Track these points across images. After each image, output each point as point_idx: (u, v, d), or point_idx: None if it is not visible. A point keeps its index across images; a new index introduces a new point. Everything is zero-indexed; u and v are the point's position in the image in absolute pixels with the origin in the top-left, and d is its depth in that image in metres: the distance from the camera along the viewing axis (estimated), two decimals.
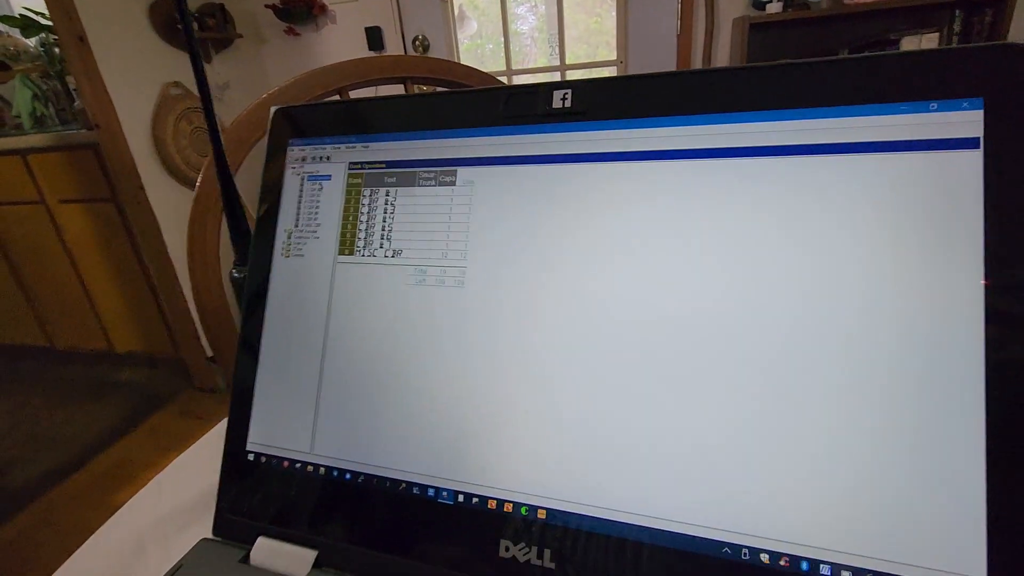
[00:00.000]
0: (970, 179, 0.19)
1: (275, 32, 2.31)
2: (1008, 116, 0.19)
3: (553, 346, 0.24)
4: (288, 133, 0.30)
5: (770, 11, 1.74)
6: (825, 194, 0.21)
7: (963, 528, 0.18)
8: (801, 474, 0.20)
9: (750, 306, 0.21)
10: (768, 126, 0.22)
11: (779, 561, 0.20)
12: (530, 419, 0.23)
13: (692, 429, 0.21)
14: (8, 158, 1.88)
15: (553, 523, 0.22)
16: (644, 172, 0.23)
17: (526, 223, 0.25)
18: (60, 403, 2.03)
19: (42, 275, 2.09)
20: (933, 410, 0.19)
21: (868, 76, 0.21)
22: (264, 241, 0.30)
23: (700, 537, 0.21)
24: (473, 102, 0.27)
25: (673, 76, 0.24)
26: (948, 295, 0.19)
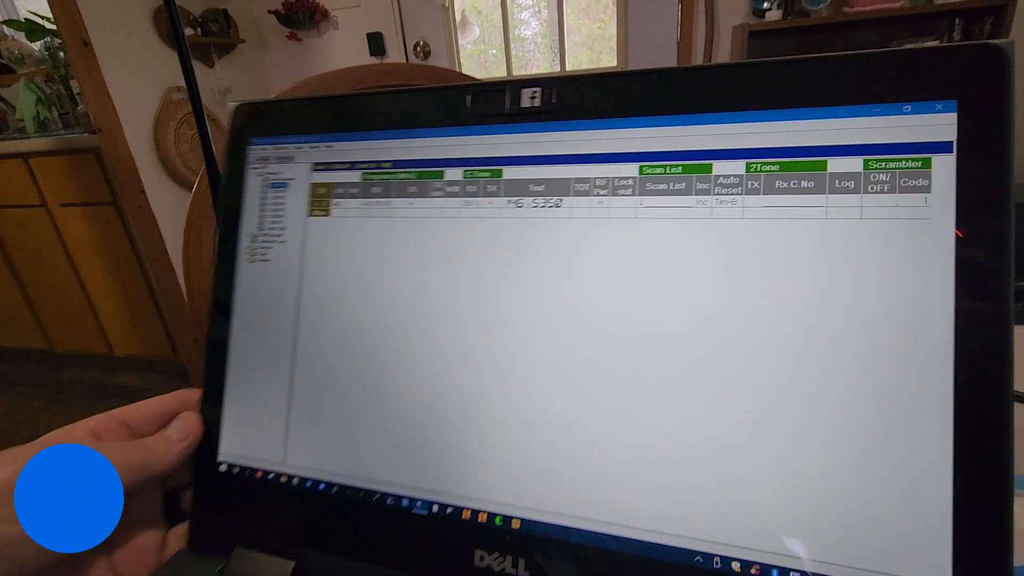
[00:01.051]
0: (943, 184, 0.19)
1: (277, 37, 2.32)
2: (982, 119, 0.18)
3: (527, 356, 0.23)
4: (249, 131, 0.29)
5: (769, 18, 1.75)
6: (786, 197, 0.21)
7: (929, 536, 0.18)
8: (772, 484, 0.20)
9: (721, 316, 0.21)
10: (739, 128, 0.21)
11: (750, 569, 0.20)
12: (504, 429, 0.23)
13: (664, 440, 0.21)
14: (10, 161, 1.89)
15: (527, 532, 0.22)
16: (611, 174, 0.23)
17: (492, 230, 0.25)
18: (60, 406, 2.03)
19: (42, 278, 2.10)
20: (901, 422, 0.19)
21: (841, 76, 0.20)
22: (227, 246, 0.28)
23: (672, 546, 0.21)
24: (438, 100, 0.26)
25: (646, 75, 0.23)
26: (919, 301, 0.19)
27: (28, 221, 1.97)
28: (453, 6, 2.21)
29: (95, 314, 2.09)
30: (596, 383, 0.22)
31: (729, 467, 0.20)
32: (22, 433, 1.86)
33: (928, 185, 0.19)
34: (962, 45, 0.18)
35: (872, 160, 0.20)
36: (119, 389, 2.11)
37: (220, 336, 0.28)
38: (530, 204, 0.24)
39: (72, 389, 2.15)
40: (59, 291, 2.08)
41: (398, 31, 2.21)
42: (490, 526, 0.23)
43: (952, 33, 1.61)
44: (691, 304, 0.21)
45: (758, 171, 0.21)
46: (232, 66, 2.22)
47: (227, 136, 0.29)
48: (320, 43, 2.31)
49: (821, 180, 0.20)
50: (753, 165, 0.21)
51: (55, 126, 2.08)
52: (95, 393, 2.11)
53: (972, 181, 0.18)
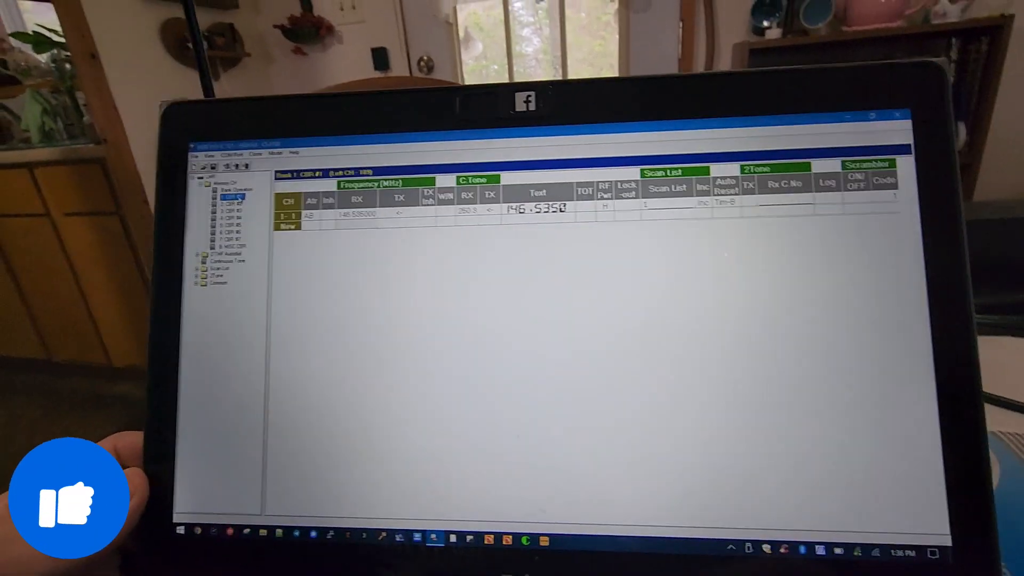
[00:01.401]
0: (907, 180, 0.21)
1: (283, 52, 2.35)
2: (931, 124, 0.21)
3: (533, 360, 0.23)
4: (187, 134, 0.26)
5: (769, 36, 1.77)
6: (785, 183, 0.23)
7: (927, 495, 0.20)
8: (786, 468, 0.21)
9: (728, 310, 0.22)
10: (732, 132, 0.23)
11: (779, 548, 0.21)
12: (518, 447, 0.23)
13: (686, 437, 0.22)
14: (15, 171, 1.90)
15: (557, 548, 0.22)
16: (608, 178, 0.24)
17: (485, 241, 0.24)
18: (57, 416, 2.02)
19: (44, 288, 2.10)
20: (890, 401, 0.21)
21: (814, 87, 0.22)
22: (168, 269, 0.25)
23: (705, 539, 0.21)
24: (423, 102, 0.25)
25: (642, 81, 0.24)
26: (894, 284, 0.21)
27: (31, 230, 1.98)
28: (457, 22, 2.24)
29: (95, 324, 2.09)
30: (613, 390, 0.22)
31: (748, 457, 0.21)
32: (19, 443, 1.85)
33: (895, 182, 0.22)
34: (908, 62, 0.21)
35: (848, 161, 0.22)
36: (118, 399, 2.10)
37: (165, 376, 0.25)
38: (532, 209, 0.24)
39: (70, 399, 2.14)
40: (59, 300, 2.08)
41: (402, 46, 2.23)
42: (516, 548, 0.22)
43: (949, 52, 1.63)
44: (701, 299, 0.22)
45: (752, 173, 0.23)
46: (237, 80, 2.24)
47: (159, 140, 0.26)
48: (325, 57, 2.33)
49: (807, 180, 0.22)
50: (747, 167, 0.23)
51: (60, 137, 2.09)
52: (93, 403, 2.09)
53: (929, 176, 0.21)
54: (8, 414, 2.05)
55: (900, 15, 1.65)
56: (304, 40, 2.26)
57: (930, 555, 0.20)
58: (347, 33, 2.27)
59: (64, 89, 2.09)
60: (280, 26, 2.24)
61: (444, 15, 2.14)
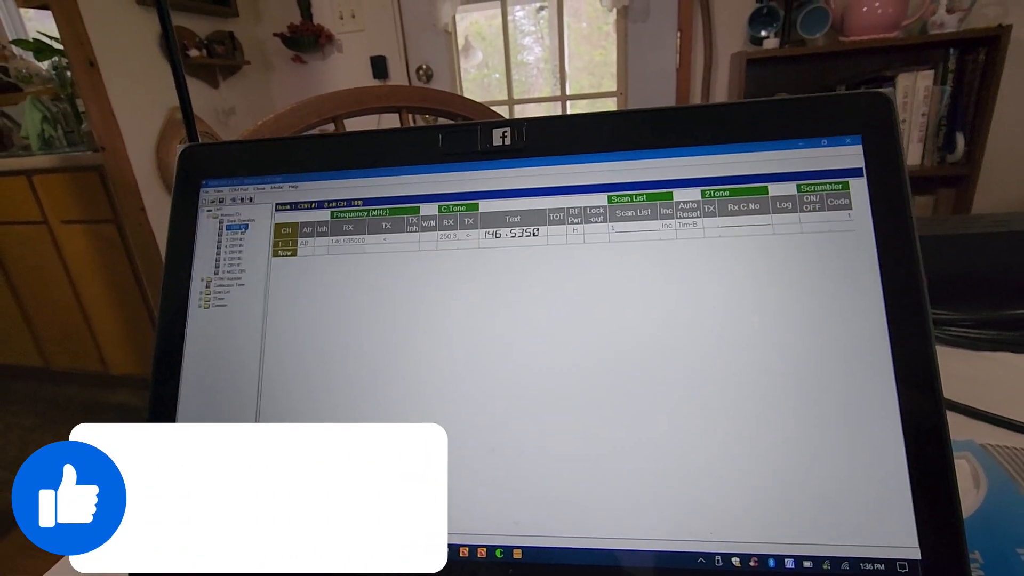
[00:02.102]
0: (860, 202, 0.23)
1: (282, 60, 2.36)
2: (880, 149, 0.23)
3: (508, 379, 0.24)
4: (201, 173, 0.28)
5: (767, 47, 1.77)
6: (745, 205, 0.24)
7: (894, 508, 0.21)
8: (754, 482, 0.21)
9: (694, 328, 0.23)
10: (692, 160, 0.24)
11: (749, 562, 0.21)
12: (494, 458, 0.23)
13: (652, 452, 0.22)
14: (13, 179, 1.90)
15: (530, 561, 0.22)
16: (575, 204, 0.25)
17: (469, 261, 0.25)
18: (53, 424, 2.01)
19: (41, 295, 2.09)
20: (854, 416, 0.21)
21: (773, 117, 0.24)
22: (175, 292, 0.27)
23: (675, 551, 0.21)
24: (409, 139, 0.27)
25: (607, 116, 0.26)
26: (853, 300, 0.22)
27: (29, 237, 1.98)
28: (456, 31, 2.25)
29: (92, 332, 2.08)
30: (585, 404, 0.23)
31: (715, 472, 0.22)
32: (13, 452, 1.84)
33: (849, 203, 0.23)
34: (859, 93, 0.23)
35: (803, 184, 0.23)
36: (114, 408, 2.09)
37: (167, 391, 0.26)
38: (508, 234, 0.25)
39: (67, 407, 2.13)
40: (56, 308, 2.08)
41: (401, 55, 2.24)
42: (489, 561, 0.23)
43: (947, 63, 1.63)
44: (667, 318, 0.23)
45: (712, 196, 0.24)
46: (237, 87, 2.25)
47: (176, 179, 0.28)
48: (324, 66, 2.34)
49: (765, 202, 0.24)
50: (708, 192, 0.24)
51: (59, 144, 2.10)
52: (90, 411, 2.08)
53: (881, 196, 0.22)
54: (4, 423, 2.04)
55: (897, 26, 1.66)
56: (304, 48, 2.27)
57: (899, 568, 0.20)
58: (346, 41, 2.28)
59: (64, 96, 2.09)
60: (280, 34, 2.25)
61: (443, 24, 2.15)
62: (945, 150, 1.69)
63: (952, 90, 1.64)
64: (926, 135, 1.69)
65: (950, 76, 1.64)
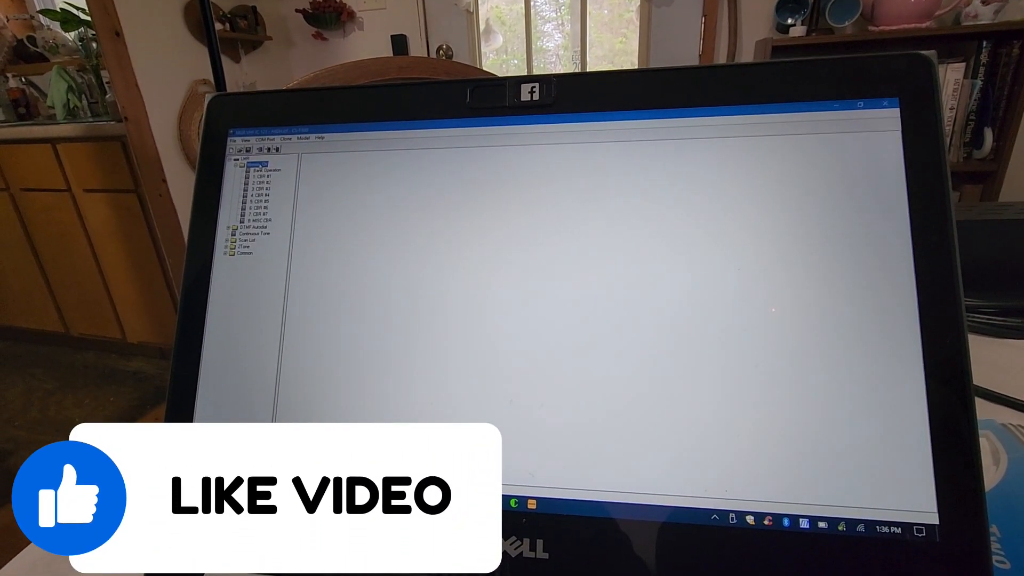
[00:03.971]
0: (895, 164, 0.22)
1: (303, 36, 2.36)
2: (918, 112, 0.22)
3: (529, 335, 0.24)
4: (229, 122, 0.29)
5: (793, 34, 1.74)
6: (774, 177, 0.23)
7: (914, 472, 0.20)
8: (775, 442, 0.21)
9: (708, 288, 0.23)
10: (726, 120, 0.24)
11: (763, 520, 0.21)
12: (512, 411, 0.23)
13: (669, 410, 0.22)
14: (39, 146, 1.94)
15: (544, 512, 0.22)
16: (604, 152, 0.25)
17: (491, 206, 0.25)
18: (72, 388, 2.06)
19: (63, 262, 2.14)
20: (878, 378, 0.21)
21: (808, 78, 0.23)
22: (202, 239, 0.27)
23: (689, 507, 0.21)
24: (437, 93, 0.27)
25: (637, 74, 0.26)
26: (883, 262, 0.22)
27: (52, 205, 2.01)
28: (478, 12, 2.23)
29: (111, 300, 2.12)
30: (605, 359, 0.23)
31: (734, 430, 0.22)
32: (33, 414, 1.89)
33: (884, 157, 0.22)
34: (899, 54, 0.23)
35: (838, 136, 0.23)
36: (131, 375, 2.14)
37: (193, 332, 0.27)
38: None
39: (85, 373, 2.18)
40: (77, 275, 2.12)
41: (422, 34, 2.23)
42: (504, 510, 0.23)
43: (979, 55, 1.59)
44: (691, 276, 0.23)
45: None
46: (258, 62, 2.25)
47: (202, 127, 0.29)
48: (345, 43, 2.34)
49: (795, 149, 0.23)
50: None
51: (84, 114, 2.13)
52: (107, 378, 2.13)
53: (916, 162, 0.22)
54: (26, 385, 2.10)
55: (930, 16, 1.62)
56: (325, 25, 2.27)
57: (916, 532, 0.20)
58: (367, 19, 2.27)
59: (90, 67, 2.12)
60: (302, 10, 2.25)
61: (465, 4, 2.14)
62: (972, 146, 1.66)
63: (983, 84, 1.60)
64: (953, 130, 1.65)
65: (982, 69, 1.60)
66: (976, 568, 0.19)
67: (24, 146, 1.97)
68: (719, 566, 0.21)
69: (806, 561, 0.20)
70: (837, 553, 0.20)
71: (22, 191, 2.07)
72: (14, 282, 2.26)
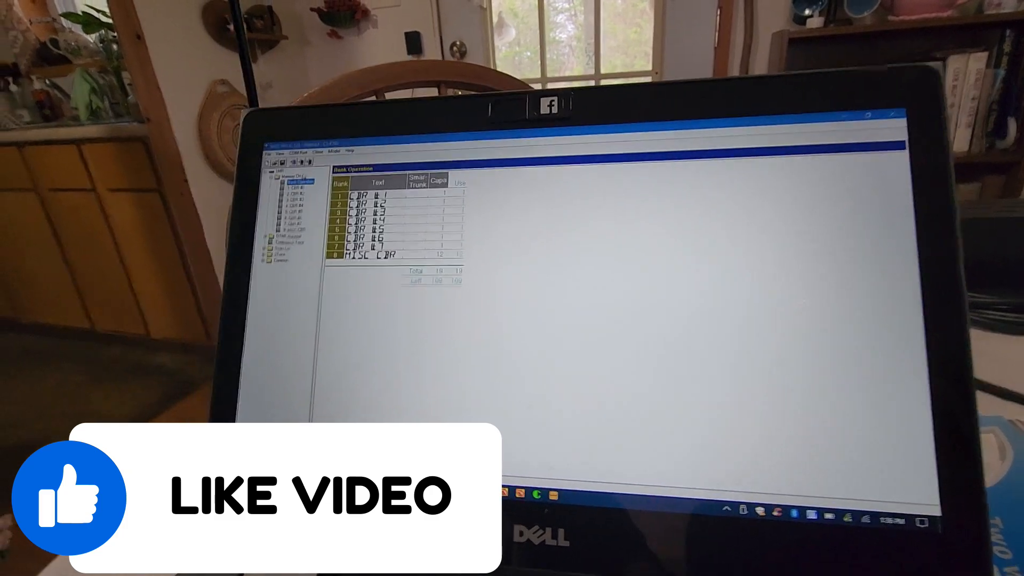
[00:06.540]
0: (900, 173, 0.23)
1: (318, 35, 2.38)
2: (925, 122, 0.23)
3: (550, 337, 0.25)
4: (263, 136, 0.30)
5: (811, 26, 1.71)
6: (782, 187, 0.24)
7: (917, 465, 0.21)
8: (784, 436, 0.22)
9: (724, 293, 0.24)
10: (736, 131, 0.25)
11: (772, 511, 0.22)
12: (534, 408, 0.24)
13: (684, 406, 0.23)
14: (65, 147, 1.99)
15: (565, 503, 0.24)
16: (621, 172, 0.26)
17: (517, 221, 0.26)
18: (99, 382, 2.12)
19: (89, 260, 2.19)
20: (884, 375, 0.22)
21: (817, 89, 0.24)
22: (241, 247, 0.29)
23: (701, 499, 0.23)
24: (461, 107, 0.28)
25: (651, 87, 0.27)
26: (886, 264, 0.22)
27: (79, 205, 2.07)
28: (491, 7, 2.23)
29: (135, 296, 2.18)
30: (620, 358, 0.24)
31: (745, 424, 0.23)
32: (63, 408, 1.95)
33: (890, 173, 0.23)
34: (905, 66, 0.23)
35: (845, 156, 0.24)
36: (155, 369, 2.19)
37: (234, 339, 0.28)
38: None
39: (112, 367, 2.24)
40: (103, 273, 2.18)
41: (435, 31, 2.24)
42: (528, 500, 0.24)
43: (1002, 45, 1.56)
44: (704, 278, 0.24)
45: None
46: (274, 61, 2.28)
47: (240, 142, 0.30)
48: (359, 41, 2.35)
49: (805, 170, 0.24)
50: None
51: (106, 115, 2.17)
52: (133, 372, 2.19)
53: (922, 171, 0.23)
54: (56, 380, 2.16)
55: (952, 5, 1.59)
56: (340, 24, 2.29)
57: (919, 524, 0.21)
58: (381, 17, 2.29)
59: (111, 69, 2.16)
60: (317, 9, 2.27)
61: (478, 0, 2.14)
62: (995, 135, 1.63)
63: (1006, 73, 1.56)
64: (975, 120, 1.62)
65: (1005, 58, 1.57)
66: (977, 558, 0.20)
67: (51, 147, 2.02)
68: (730, 555, 0.22)
69: (813, 550, 0.22)
70: (843, 543, 0.21)
71: (50, 191, 2.12)
72: (43, 279, 2.33)
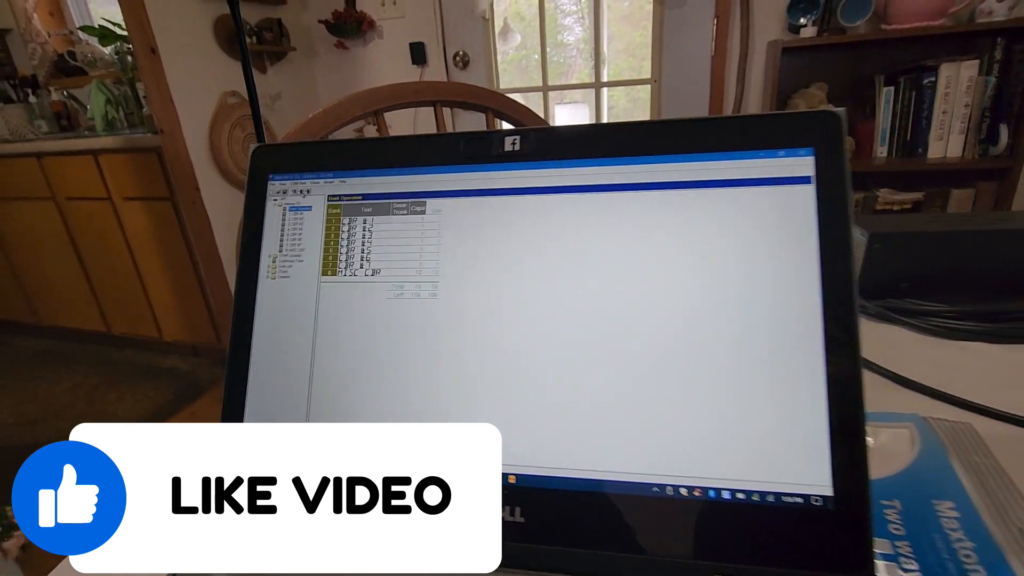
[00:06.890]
0: (807, 203, 0.26)
1: (326, 46, 2.44)
2: (828, 160, 0.26)
3: (512, 342, 0.29)
4: (268, 169, 0.34)
5: (804, 35, 1.75)
6: (708, 215, 0.28)
7: (813, 452, 0.25)
8: (704, 430, 0.26)
9: (656, 303, 0.27)
10: (671, 166, 0.28)
11: (693, 491, 0.26)
12: (500, 403, 0.29)
13: (624, 403, 0.27)
14: (82, 157, 2.06)
15: (522, 485, 0.28)
16: (571, 201, 0.30)
17: (485, 243, 0.30)
18: (114, 384, 2.19)
19: (104, 266, 2.26)
20: (787, 375, 0.25)
21: (739, 130, 0.28)
22: (249, 265, 0.33)
23: (636, 482, 0.27)
24: (437, 144, 0.32)
25: (599, 128, 0.31)
26: (794, 284, 0.26)
27: (95, 213, 2.14)
28: (493, 17, 2.28)
29: (148, 300, 2.24)
30: (564, 361, 0.28)
31: (669, 417, 0.27)
32: (79, 408, 2.01)
33: (798, 204, 0.27)
34: (813, 112, 0.27)
35: (760, 189, 0.27)
36: (167, 371, 2.26)
37: (243, 345, 0.32)
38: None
39: (125, 369, 2.31)
40: (118, 278, 2.24)
41: (439, 41, 2.29)
42: None
43: (993, 52, 1.58)
44: (633, 290, 0.28)
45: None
46: (283, 73, 2.34)
47: (248, 173, 0.34)
48: (365, 52, 2.41)
49: (726, 201, 0.27)
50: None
51: (121, 126, 2.24)
52: (146, 373, 2.26)
53: (825, 201, 0.26)
54: (72, 381, 2.23)
55: (944, 13, 1.62)
56: (347, 35, 2.35)
57: (814, 502, 0.25)
58: (387, 28, 2.34)
59: (126, 80, 2.23)
60: (324, 21, 2.33)
61: (481, 11, 2.19)
62: (988, 142, 1.65)
63: (997, 80, 1.59)
64: (968, 126, 1.65)
65: (996, 66, 1.60)
66: (859, 531, 0.24)
67: (68, 157, 2.09)
68: (660, 527, 0.26)
69: (728, 524, 0.25)
70: (752, 518, 0.25)
71: (67, 200, 2.20)
72: (60, 284, 2.41)
